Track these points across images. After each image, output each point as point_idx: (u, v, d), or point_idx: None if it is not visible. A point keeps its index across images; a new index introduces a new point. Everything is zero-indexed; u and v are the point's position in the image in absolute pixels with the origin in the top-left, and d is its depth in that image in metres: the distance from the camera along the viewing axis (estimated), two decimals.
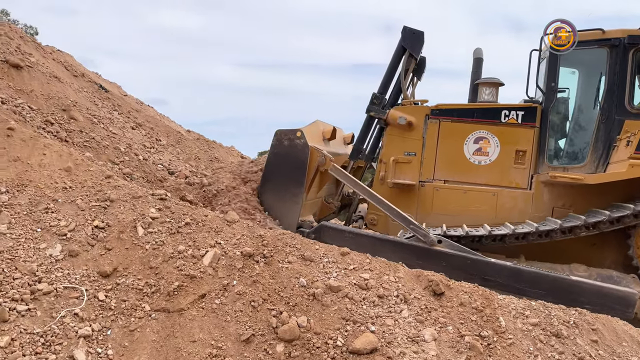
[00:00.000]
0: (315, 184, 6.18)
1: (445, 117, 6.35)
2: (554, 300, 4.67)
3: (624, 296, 4.69)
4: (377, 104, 6.58)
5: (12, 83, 5.96)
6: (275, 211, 5.57)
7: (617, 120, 5.61)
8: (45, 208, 4.02)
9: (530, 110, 6.09)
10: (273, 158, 5.63)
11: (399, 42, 6.57)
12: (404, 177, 6.33)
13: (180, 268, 3.75)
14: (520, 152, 6.09)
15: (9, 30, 6.95)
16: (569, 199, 5.83)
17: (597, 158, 5.72)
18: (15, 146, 4.45)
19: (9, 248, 3.59)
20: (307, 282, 3.76)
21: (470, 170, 6.23)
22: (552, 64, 5.95)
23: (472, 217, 6.02)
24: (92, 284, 3.58)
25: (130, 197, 4.36)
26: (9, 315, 3.12)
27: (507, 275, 4.93)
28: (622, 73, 5.64)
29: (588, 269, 5.33)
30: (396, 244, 5.32)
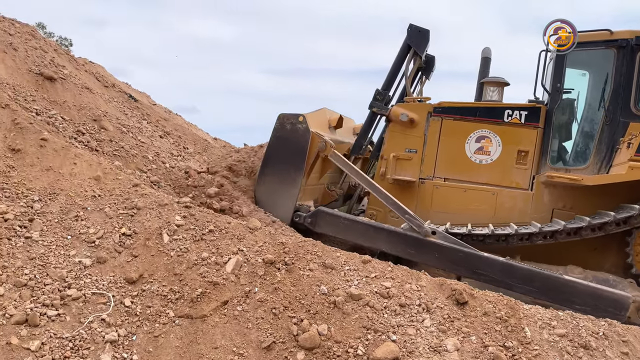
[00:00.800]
0: (317, 170, 6.22)
1: (447, 115, 6.30)
2: (545, 298, 4.74)
3: (618, 299, 4.63)
4: (380, 100, 6.58)
5: (47, 95, 6.21)
6: (274, 193, 5.70)
7: (621, 122, 5.50)
8: (75, 216, 4.16)
9: (534, 111, 5.99)
10: (274, 141, 5.75)
11: (405, 39, 6.58)
12: (405, 174, 6.32)
13: (204, 275, 3.81)
14: (523, 152, 6.00)
15: (43, 44, 7.24)
16: (570, 200, 5.74)
17: (600, 160, 5.61)
18: (48, 156, 4.62)
19: (40, 255, 3.73)
20: (328, 289, 3.77)
21: (471, 169, 6.17)
22: (559, 65, 5.84)
23: (471, 216, 5.98)
24: (118, 290, 3.68)
25: (157, 204, 4.47)
26: (39, 320, 3.24)
27: (500, 270, 4.92)
28: (628, 74, 5.53)
29: (584, 271, 5.26)
30: (391, 233, 5.35)
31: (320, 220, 5.54)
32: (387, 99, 6.62)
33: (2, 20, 7.00)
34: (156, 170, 6.55)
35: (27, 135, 4.71)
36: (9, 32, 6.70)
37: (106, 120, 6.60)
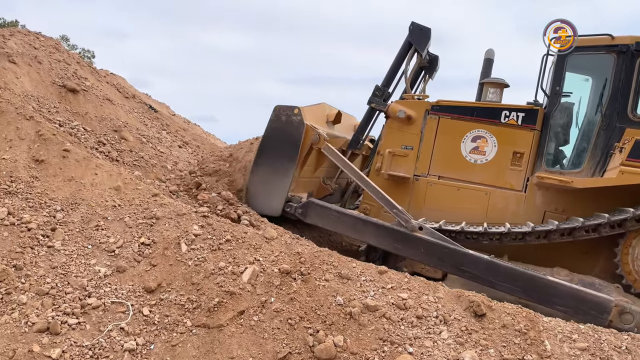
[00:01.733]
0: (311, 163, 6.25)
1: (444, 114, 6.29)
2: (527, 298, 4.78)
3: (600, 302, 4.63)
4: (378, 96, 6.60)
5: (69, 106, 6.36)
6: (267, 183, 5.81)
7: (618, 127, 5.43)
8: (95, 225, 4.25)
9: (531, 113, 5.96)
10: (270, 132, 5.86)
11: (406, 37, 6.62)
12: (399, 170, 6.32)
13: (221, 284, 3.84)
14: (518, 153, 5.96)
15: (67, 56, 7.43)
16: (562, 203, 5.68)
17: (594, 165, 5.54)
18: (70, 166, 4.73)
19: (62, 264, 3.81)
20: (344, 300, 3.76)
21: (465, 168, 6.14)
22: (559, 68, 5.80)
23: (463, 214, 5.94)
24: (137, 299, 3.73)
25: (175, 214, 4.53)
26: (60, 328, 3.30)
27: (483, 267, 4.98)
28: (627, 80, 5.46)
29: (570, 274, 5.20)
30: (378, 227, 5.43)
31: (310, 211, 5.67)
32: (386, 95, 6.65)
33: (28, 34, 7.21)
34: (174, 180, 6.64)
35: (50, 146, 4.83)
36: (34, 45, 6.90)
37: (126, 130, 6.73)
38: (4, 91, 5.35)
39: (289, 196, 5.80)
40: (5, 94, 5.28)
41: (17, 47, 6.48)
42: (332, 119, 6.70)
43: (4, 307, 3.44)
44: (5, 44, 6.38)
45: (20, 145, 4.81)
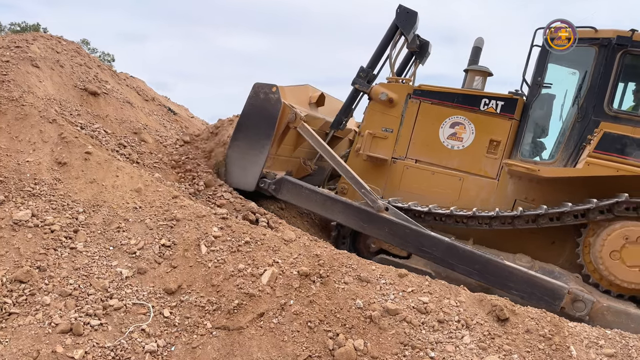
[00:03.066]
0: (290, 142, 6.36)
1: (426, 99, 6.36)
2: (484, 281, 4.98)
3: (553, 288, 4.77)
4: (362, 77, 6.64)
5: (90, 109, 6.44)
6: (244, 158, 6.00)
7: (593, 120, 5.46)
8: (117, 227, 4.29)
9: (510, 102, 5.99)
10: (248, 109, 6.00)
11: (393, 20, 6.63)
12: (378, 152, 6.43)
13: (240, 286, 3.85)
14: (495, 142, 6.03)
15: (88, 60, 7.53)
16: (532, 193, 5.76)
17: (567, 156, 5.57)
18: (92, 169, 4.79)
19: (84, 265, 3.86)
20: (364, 303, 3.73)
21: (442, 154, 6.23)
22: (541, 59, 5.83)
23: (435, 198, 6.04)
24: (158, 300, 3.75)
25: (195, 216, 4.55)
26: (83, 329, 3.34)
27: (443, 249, 5.14)
28: (606, 74, 5.46)
29: (532, 261, 5.34)
30: (346, 205, 5.63)
31: (283, 188, 5.87)
32: (370, 76, 6.69)
33: (50, 39, 7.33)
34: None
35: (72, 149, 4.90)
36: (56, 49, 7.01)
37: (146, 133, 6.79)
38: (28, 95, 5.44)
39: (263, 172, 5.98)
40: (28, 98, 5.37)
41: (40, 51, 6.59)
42: (314, 101, 6.81)
43: (28, 308, 3.49)
44: (28, 48, 6.49)
45: (43, 147, 4.88)
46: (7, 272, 3.68)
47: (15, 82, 5.65)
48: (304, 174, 6.95)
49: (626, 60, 5.46)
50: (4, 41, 6.64)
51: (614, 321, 4.55)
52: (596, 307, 4.76)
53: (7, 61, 6.00)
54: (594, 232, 5.13)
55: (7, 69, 5.86)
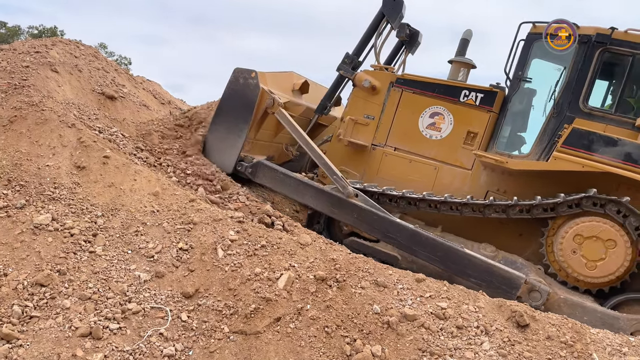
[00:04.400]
0: (271, 128, 6.49)
1: (408, 88, 6.46)
2: (444, 268, 5.13)
3: (511, 278, 4.93)
4: (347, 64, 6.74)
5: (108, 113, 6.52)
6: (222, 141, 6.12)
7: (567, 116, 5.53)
8: (135, 231, 4.32)
9: (490, 94, 6.07)
10: (227, 93, 6.12)
11: (380, 8, 6.70)
12: (359, 138, 6.54)
13: (257, 290, 3.85)
14: (472, 133, 6.10)
15: (105, 64, 7.63)
16: (504, 185, 5.84)
17: (540, 151, 5.62)
18: (110, 173, 4.84)
19: (103, 269, 3.89)
20: (381, 309, 3.70)
21: (420, 143, 6.34)
22: (524, 53, 5.86)
23: (411, 186, 6.15)
24: (175, 304, 3.77)
25: (212, 219, 4.57)
26: (102, 333, 3.37)
27: (407, 236, 5.31)
28: (584, 70, 5.52)
29: (496, 251, 5.45)
30: (317, 190, 5.77)
31: (259, 171, 6.04)
32: (355, 63, 6.77)
33: (69, 44, 7.44)
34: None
35: (91, 153, 4.96)
36: (75, 54, 7.11)
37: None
38: (47, 100, 5.52)
39: (241, 156, 6.12)
40: (48, 103, 5.45)
41: (59, 56, 6.68)
42: (297, 88, 6.93)
43: (48, 312, 3.53)
44: (47, 53, 6.59)
45: (62, 152, 4.95)
46: (28, 275, 3.73)
47: (35, 87, 5.74)
48: (285, 160, 7.10)
49: (605, 57, 5.53)
50: (24, 46, 6.76)
51: (569, 313, 4.61)
52: (553, 298, 4.92)
53: (27, 66, 6.10)
54: (557, 226, 5.24)
55: (27, 74, 5.96)
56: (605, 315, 4.78)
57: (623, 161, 4.89)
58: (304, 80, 7.05)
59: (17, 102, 5.34)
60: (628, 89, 5.71)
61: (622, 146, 4.92)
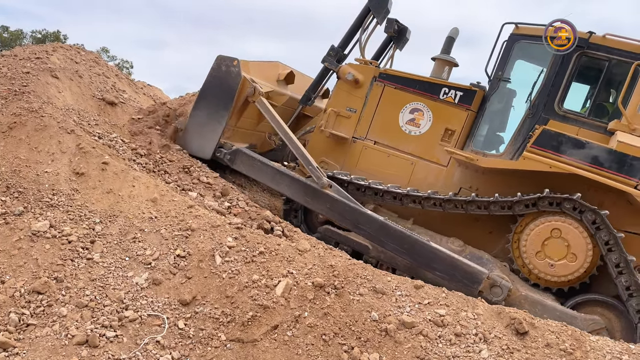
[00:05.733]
0: (253, 116, 6.53)
1: (390, 83, 6.54)
2: (411, 260, 5.30)
3: (473, 272, 5.06)
4: (332, 56, 6.82)
5: (108, 118, 6.52)
6: (203, 127, 6.20)
7: (542, 118, 5.61)
8: (133, 237, 4.32)
9: (469, 93, 6.14)
10: (209, 80, 6.19)
11: (366, 2, 6.77)
12: (341, 130, 6.63)
13: (254, 298, 3.83)
14: (450, 130, 6.17)
15: (106, 69, 7.64)
16: (476, 182, 5.94)
17: (513, 151, 5.70)
18: (109, 179, 4.84)
19: (100, 276, 3.89)
20: (379, 316, 3.68)
21: (399, 137, 6.42)
22: (505, 54, 5.96)
23: (387, 179, 6.25)
24: (172, 312, 3.76)
25: (210, 226, 4.56)
26: (99, 341, 3.36)
27: (377, 227, 5.43)
28: (561, 73, 5.61)
29: (464, 245, 5.55)
30: (293, 180, 5.87)
31: (237, 158, 6.12)
32: (340, 56, 6.84)
33: (70, 49, 7.45)
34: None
35: (90, 159, 4.96)
36: (75, 60, 7.12)
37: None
38: (47, 106, 5.53)
39: (221, 142, 6.18)
40: (48, 109, 5.46)
41: (59, 62, 6.70)
42: (282, 78, 7.01)
43: (45, 319, 3.53)
44: (48, 59, 6.60)
45: (61, 158, 4.95)
46: (25, 283, 3.74)
47: (35, 93, 5.75)
48: (268, 149, 7.17)
49: (582, 61, 5.61)
50: (24, 52, 6.77)
51: (529, 310, 4.70)
52: (514, 294, 5.06)
53: (28, 72, 6.11)
54: (524, 225, 5.34)
55: (27, 80, 5.97)
56: (564, 314, 4.89)
57: (590, 164, 4.99)
58: (290, 71, 7.13)
59: (17, 109, 5.35)
60: (603, 94, 5.81)
61: (589, 149, 5.01)
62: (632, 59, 5.29)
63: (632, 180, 4.84)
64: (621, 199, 5.04)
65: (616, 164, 4.90)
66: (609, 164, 4.92)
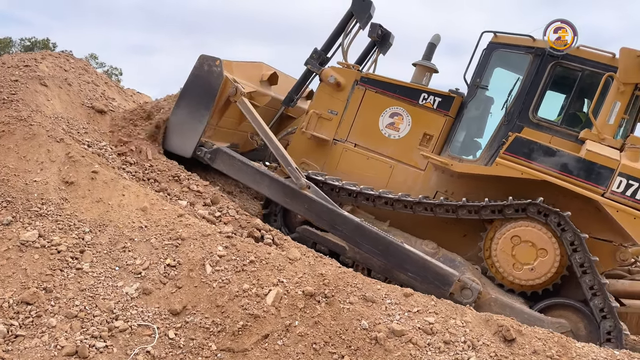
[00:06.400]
0: (234, 115, 6.57)
1: (371, 87, 6.68)
2: (385, 261, 5.43)
3: (444, 274, 5.20)
4: (315, 59, 6.97)
5: (97, 126, 6.50)
6: (184, 125, 6.23)
7: (517, 125, 5.75)
8: (123, 247, 4.31)
9: (447, 99, 6.31)
10: (191, 79, 6.26)
11: (349, 7, 6.88)
12: (322, 132, 6.76)
13: (245, 307, 3.85)
14: (428, 135, 6.34)
15: (95, 77, 7.62)
16: (451, 186, 6.08)
17: (488, 157, 5.84)
18: (98, 188, 4.83)
19: (90, 286, 3.88)
20: (369, 324, 3.71)
21: (379, 141, 6.55)
22: (483, 61, 6.13)
23: (366, 181, 6.37)
24: (163, 321, 3.76)
25: (200, 235, 4.57)
26: (88, 352, 3.35)
27: (352, 229, 5.56)
28: (536, 82, 5.76)
29: (437, 248, 5.69)
30: (272, 180, 5.98)
31: (218, 157, 6.18)
32: (322, 59, 6.99)
33: (58, 57, 7.42)
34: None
35: (79, 168, 4.94)
36: (64, 67, 7.09)
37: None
38: (36, 114, 5.51)
39: (202, 141, 6.22)
40: (37, 117, 5.44)
41: (48, 70, 6.67)
42: (266, 79, 7.11)
43: (34, 330, 3.51)
44: (37, 67, 6.57)
45: (50, 167, 4.93)
46: (14, 293, 3.71)
47: (24, 101, 5.72)
48: (250, 148, 7.24)
49: (556, 71, 5.77)
50: (13, 60, 6.73)
51: (498, 313, 4.84)
52: (484, 297, 5.19)
53: (16, 80, 6.08)
54: (493, 230, 5.49)
55: (15, 88, 5.94)
56: (532, 317, 5.03)
57: (559, 171, 5.13)
58: (273, 72, 7.22)
59: (5, 117, 5.32)
60: (576, 103, 5.98)
61: (559, 157, 5.17)
62: (603, 70, 5.47)
63: (599, 188, 5.01)
64: (589, 206, 5.21)
65: (584, 172, 5.06)
66: (578, 171, 5.08)
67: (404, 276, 5.32)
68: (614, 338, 4.90)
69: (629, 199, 4.91)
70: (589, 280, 5.05)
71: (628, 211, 4.88)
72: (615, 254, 5.42)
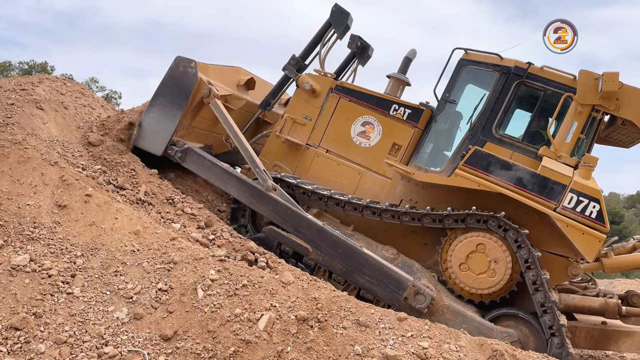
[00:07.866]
0: (208, 117, 6.67)
1: (345, 95, 6.87)
2: (344, 264, 5.58)
3: (399, 279, 5.37)
4: (292, 65, 7.12)
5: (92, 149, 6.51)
6: (156, 124, 6.32)
7: (480, 139, 5.91)
8: (114, 271, 4.28)
9: (417, 112, 6.52)
10: (166, 79, 6.35)
11: (328, 17, 7.09)
12: (295, 137, 6.91)
13: (237, 332, 3.80)
14: (397, 145, 6.51)
15: (92, 100, 7.68)
16: (416, 196, 6.25)
17: (452, 168, 5.96)
18: (91, 211, 4.81)
19: (80, 311, 3.83)
20: (363, 349, 3.67)
21: (350, 148, 6.74)
22: (453, 77, 6.33)
23: (335, 186, 6.56)
24: (153, 347, 3.71)
25: (192, 258, 4.54)
26: None
27: (314, 231, 5.72)
28: (500, 99, 5.94)
29: (397, 254, 5.86)
30: (240, 181, 6.11)
31: (188, 157, 6.29)
32: (300, 65, 7.16)
33: (56, 80, 7.49)
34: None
35: (72, 192, 4.94)
36: (61, 91, 7.15)
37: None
38: (31, 138, 5.53)
39: (173, 140, 6.32)
40: (31, 141, 5.46)
41: (44, 93, 6.72)
42: (242, 83, 7.23)
43: (22, 356, 3.46)
44: (34, 90, 6.62)
45: (44, 190, 4.92)
46: (3, 319, 3.66)
47: (20, 124, 5.75)
48: (224, 150, 7.33)
49: (520, 90, 5.97)
50: (10, 84, 6.79)
51: (450, 320, 5.11)
52: (438, 304, 5.34)
53: (12, 104, 6.12)
54: (451, 238, 5.68)
55: (11, 111, 5.97)
56: (482, 326, 5.22)
57: (515, 185, 5.34)
58: (251, 77, 7.39)
59: (0, 141, 5.34)
60: (539, 121, 6.14)
61: (515, 171, 5.38)
62: (564, 90, 5.68)
63: (552, 203, 5.19)
64: (543, 220, 5.36)
65: (538, 186, 5.25)
66: (532, 186, 5.27)
67: (362, 279, 5.47)
68: (560, 355, 5.06)
69: (578, 215, 5.13)
70: (541, 298, 5.21)
71: (577, 226, 5.08)
72: (568, 268, 5.62)
